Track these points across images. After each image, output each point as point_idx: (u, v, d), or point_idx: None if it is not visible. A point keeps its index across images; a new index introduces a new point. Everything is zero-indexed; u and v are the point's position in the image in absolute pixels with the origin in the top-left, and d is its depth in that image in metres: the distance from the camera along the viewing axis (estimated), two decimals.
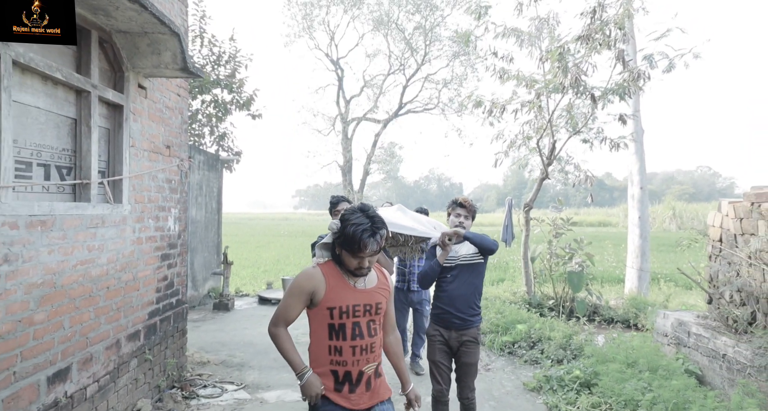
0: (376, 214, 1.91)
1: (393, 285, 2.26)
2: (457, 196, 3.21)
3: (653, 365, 3.79)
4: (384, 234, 1.89)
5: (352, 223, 1.86)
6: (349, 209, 1.94)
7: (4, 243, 2.37)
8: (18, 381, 2.48)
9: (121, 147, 3.48)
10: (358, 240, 1.83)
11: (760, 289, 3.42)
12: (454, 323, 3.07)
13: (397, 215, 3.25)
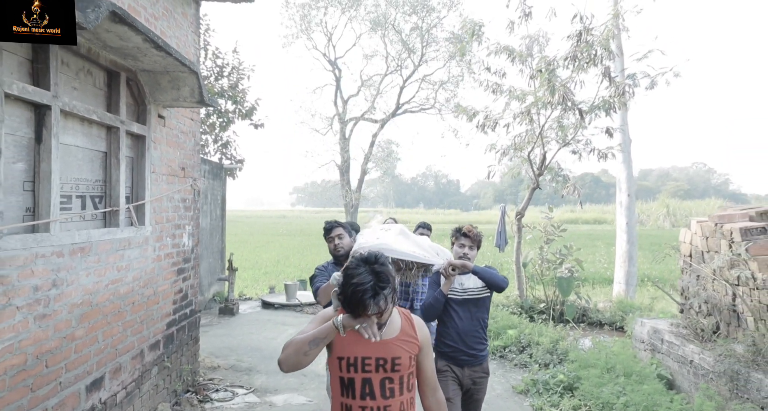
0: (382, 270, 1.68)
1: (427, 336, 1.89)
2: (462, 225, 3.05)
3: (628, 370, 4.17)
4: (389, 293, 1.66)
5: (352, 283, 1.66)
6: (354, 261, 1.74)
7: (53, 270, 2.71)
8: (63, 390, 2.82)
9: (143, 173, 3.82)
10: (357, 301, 1.64)
11: (723, 302, 3.79)
12: (465, 360, 2.93)
13: (398, 240, 3.14)
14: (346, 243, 3.25)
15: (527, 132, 7.44)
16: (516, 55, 7.09)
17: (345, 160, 30.80)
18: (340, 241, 3.25)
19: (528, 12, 7.07)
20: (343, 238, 3.26)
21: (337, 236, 3.26)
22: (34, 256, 2.56)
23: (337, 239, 3.26)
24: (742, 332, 3.55)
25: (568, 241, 18.73)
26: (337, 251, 3.25)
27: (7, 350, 2.38)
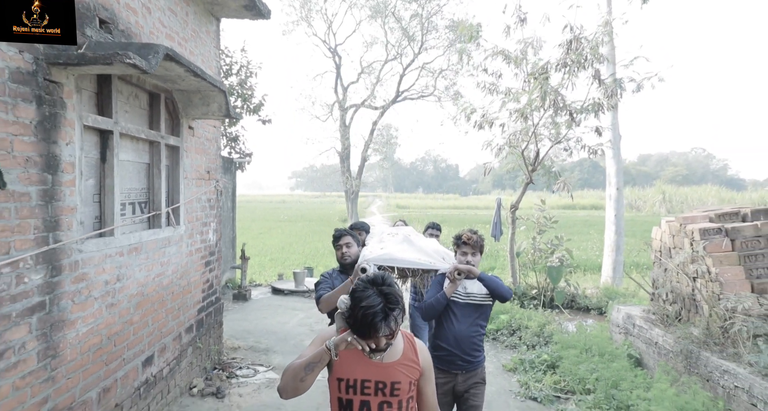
0: (391, 291, 1.66)
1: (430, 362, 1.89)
2: (461, 232, 3.03)
3: (603, 351, 4.77)
4: (398, 314, 1.65)
5: (362, 306, 1.62)
6: (361, 284, 1.69)
7: (117, 267, 3.26)
8: (126, 364, 3.40)
9: (178, 180, 4.34)
10: (368, 325, 1.60)
11: (684, 292, 4.35)
12: (461, 366, 2.90)
13: (402, 248, 3.22)
14: (354, 252, 3.26)
15: (521, 130, 7.93)
16: (512, 59, 7.54)
17: (345, 148, 31.21)
18: (348, 250, 3.25)
19: (523, 18, 7.50)
20: (351, 247, 3.27)
21: (345, 245, 3.27)
22: (104, 257, 3.11)
23: (345, 248, 3.26)
24: (699, 318, 4.13)
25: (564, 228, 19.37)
26: (344, 259, 3.25)
27: (89, 332, 2.94)
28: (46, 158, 2.55)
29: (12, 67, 2.31)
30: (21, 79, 2.37)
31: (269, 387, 4.90)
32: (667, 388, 3.63)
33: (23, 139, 2.39)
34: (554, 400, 4.47)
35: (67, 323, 2.75)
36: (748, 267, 3.96)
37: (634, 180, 74.52)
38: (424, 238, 3.72)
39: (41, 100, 2.51)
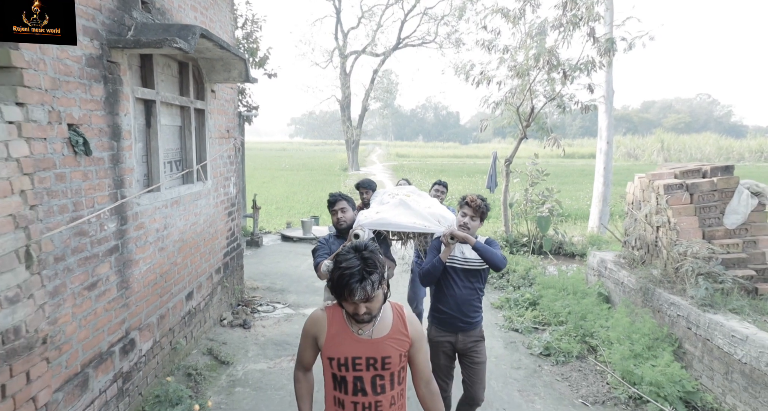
0: (371, 256, 1.68)
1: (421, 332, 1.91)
2: (467, 194, 3.03)
3: (577, 290, 5.50)
4: (376, 279, 1.65)
5: (340, 267, 1.66)
6: (346, 248, 1.75)
7: (163, 217, 3.87)
8: (174, 297, 4.10)
9: (204, 139, 4.86)
10: (344, 285, 1.63)
11: (649, 239, 5.00)
12: (461, 327, 2.97)
13: (397, 212, 3.24)
14: (349, 217, 3.27)
15: (518, 87, 8.31)
16: (510, 18, 7.81)
17: (346, 96, 31.15)
18: (343, 215, 3.27)
19: None
20: (347, 212, 3.28)
21: (340, 209, 3.27)
22: (155, 209, 3.71)
23: (341, 212, 3.27)
24: (658, 261, 4.80)
25: (560, 178, 19.70)
26: (339, 225, 3.27)
27: (148, 270, 3.60)
28: (112, 128, 3.09)
29: (87, 54, 2.80)
30: (92, 63, 2.86)
31: (287, 320, 5.67)
32: (622, 318, 4.36)
33: (97, 113, 2.91)
34: (533, 330, 5.24)
35: (133, 262, 3.39)
36: (702, 217, 4.58)
37: (636, 127, 74.04)
38: (426, 197, 3.73)
39: (106, 79, 3.01)
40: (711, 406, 3.58)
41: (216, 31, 5.05)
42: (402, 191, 3.69)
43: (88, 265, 2.86)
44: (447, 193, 5.09)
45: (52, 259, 2.54)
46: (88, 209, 2.83)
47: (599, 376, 4.16)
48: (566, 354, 4.49)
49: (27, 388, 2.33)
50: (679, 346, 4.10)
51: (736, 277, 4.13)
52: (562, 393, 3.96)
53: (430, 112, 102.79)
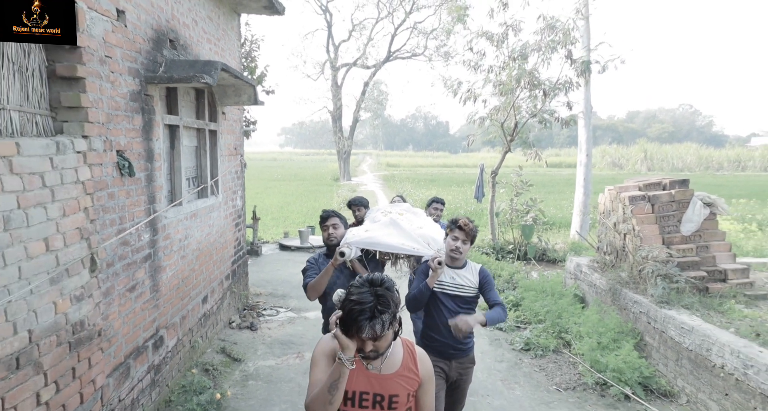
0: (386, 294, 1.60)
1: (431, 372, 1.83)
2: (459, 217, 2.94)
3: (555, 292, 6.05)
4: (387, 319, 1.58)
5: (351, 300, 1.59)
6: (360, 280, 1.66)
7: (185, 228, 4.36)
8: (192, 301, 4.57)
9: (216, 157, 5.36)
10: (353, 321, 1.56)
11: (618, 245, 5.57)
12: (453, 354, 2.86)
13: (387, 231, 3.17)
14: (340, 234, 3.19)
15: (502, 104, 8.92)
16: (494, 41, 8.43)
17: (338, 108, 31.74)
18: (334, 231, 3.19)
19: (505, 2, 8.33)
20: (338, 228, 3.21)
21: (332, 225, 3.21)
22: (178, 221, 4.20)
23: (332, 228, 3.20)
24: (625, 265, 5.36)
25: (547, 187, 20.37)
26: (330, 241, 3.18)
27: (173, 276, 4.08)
28: (147, 152, 3.59)
29: (130, 90, 3.31)
30: (134, 97, 3.37)
31: (291, 323, 6.14)
32: (593, 315, 4.91)
33: (137, 140, 3.42)
34: (515, 329, 5.77)
35: (162, 268, 3.87)
36: (662, 225, 5.16)
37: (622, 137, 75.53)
38: (420, 216, 3.69)
39: (143, 110, 3.52)
40: (664, 389, 4.13)
41: (226, 59, 5.58)
42: (396, 209, 3.63)
43: (130, 271, 3.35)
44: (444, 209, 5.16)
45: (105, 264, 3.02)
46: (129, 222, 3.32)
47: (572, 367, 4.70)
48: (544, 348, 5.02)
49: (89, 372, 2.80)
50: (641, 338, 4.65)
51: (689, 278, 4.70)
52: (539, 381, 4.49)
53: (420, 122, 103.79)
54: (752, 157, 37.72)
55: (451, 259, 2.92)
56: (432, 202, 5.11)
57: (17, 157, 2.28)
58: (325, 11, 31.15)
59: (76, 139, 2.72)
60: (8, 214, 2.22)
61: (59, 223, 2.56)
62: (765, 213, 12.01)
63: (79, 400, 2.72)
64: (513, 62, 8.06)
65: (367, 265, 3.11)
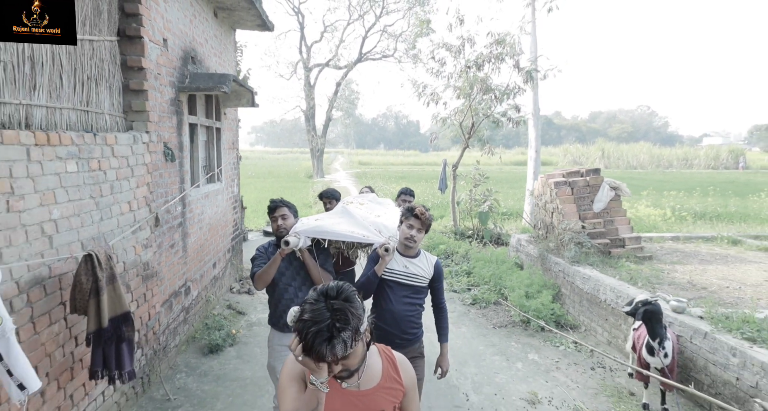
0: (343, 306, 1.34)
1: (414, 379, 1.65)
2: (415, 205, 2.85)
3: (499, 260, 7.41)
4: (349, 336, 1.32)
5: (305, 320, 1.33)
6: (314, 294, 1.38)
7: (201, 206, 5.47)
8: (206, 264, 5.69)
9: (220, 150, 6.47)
10: (311, 346, 1.30)
11: (547, 221, 6.95)
12: (399, 344, 2.75)
13: (337, 220, 3.14)
14: (290, 224, 3.12)
15: (460, 106, 10.26)
16: (454, 51, 9.75)
17: (311, 107, 32.71)
18: (283, 222, 3.12)
19: (461, 19, 9.66)
20: (287, 219, 3.13)
21: (281, 216, 3.14)
22: (197, 199, 5.32)
23: (281, 220, 3.13)
24: (552, 236, 6.75)
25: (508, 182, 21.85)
26: (280, 232, 3.11)
27: (195, 242, 5.20)
28: (179, 144, 4.70)
29: (170, 97, 4.42)
30: (172, 102, 4.49)
31: None
32: (524, 275, 6.27)
33: (173, 134, 4.53)
34: (467, 290, 7.09)
35: (188, 234, 4.99)
36: (579, 204, 6.55)
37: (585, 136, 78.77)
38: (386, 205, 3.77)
39: (177, 112, 4.63)
40: (571, 323, 5.51)
41: (227, 68, 6.69)
42: (360, 200, 3.71)
43: (170, 232, 4.47)
44: (414, 201, 5.11)
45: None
46: (170, 196, 4.44)
47: (506, 313, 6.03)
48: (487, 302, 6.35)
49: (152, 299, 3.94)
50: (559, 290, 6.03)
51: (597, 244, 6.11)
52: (480, 323, 5.80)
53: (391, 121, 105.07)
54: (698, 155, 40.57)
55: (404, 247, 2.86)
56: (401, 194, 5.10)
57: (116, 146, 3.41)
58: (297, 13, 32.04)
59: (143, 134, 3.84)
60: (112, 182, 3.35)
61: (135, 192, 3.69)
62: (685, 203, 13.75)
63: (147, 317, 3.85)
64: (468, 70, 9.39)
65: (317, 255, 3.03)
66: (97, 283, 2.61)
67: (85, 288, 2.59)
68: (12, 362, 1.85)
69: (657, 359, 3.55)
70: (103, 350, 2.67)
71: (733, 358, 3.41)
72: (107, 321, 2.63)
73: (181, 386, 4.06)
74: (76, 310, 2.62)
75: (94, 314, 2.60)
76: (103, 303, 2.62)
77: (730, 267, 5.86)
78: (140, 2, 3.75)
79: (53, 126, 2.89)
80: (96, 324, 2.60)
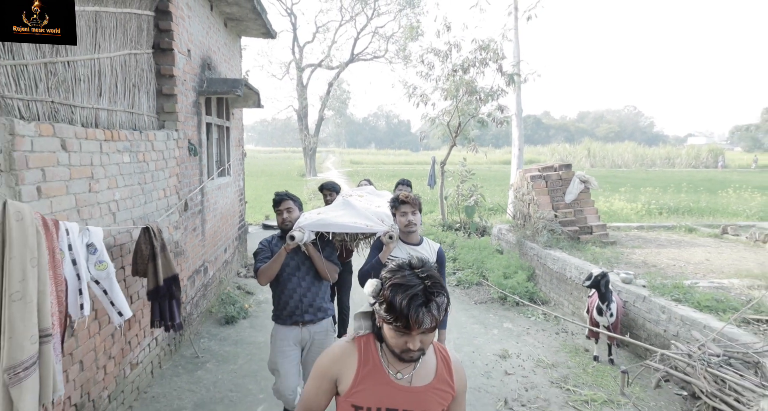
0: (431, 273, 1.31)
1: (466, 384, 1.53)
2: (398, 193, 2.95)
3: (482, 247, 8.16)
4: (443, 302, 1.28)
5: (396, 285, 1.28)
6: (397, 264, 1.36)
7: (215, 196, 6.15)
8: (219, 248, 6.37)
9: (229, 147, 7.13)
10: (406, 312, 1.24)
11: (524, 211, 7.70)
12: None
13: (340, 213, 3.18)
14: (295, 217, 3.11)
15: (447, 107, 11.00)
16: (441, 56, 10.48)
17: (303, 107, 33.33)
18: (288, 215, 3.11)
19: (448, 26, 10.39)
20: (292, 212, 3.12)
21: (286, 209, 3.12)
22: (212, 190, 5.99)
23: (286, 213, 3.11)
24: (529, 224, 7.50)
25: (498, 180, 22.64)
26: (285, 225, 3.11)
27: (211, 227, 5.88)
28: (199, 140, 5.37)
29: (192, 100, 5.10)
30: (193, 104, 5.16)
31: None
32: (503, 258, 7.01)
33: (195, 133, 5.21)
34: (452, 273, 7.82)
35: (206, 221, 5.67)
36: (552, 195, 7.31)
37: (573, 136, 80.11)
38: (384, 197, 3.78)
39: (197, 113, 5.31)
40: (543, 299, 6.27)
41: (234, 73, 7.36)
42: (359, 192, 3.79)
43: (193, 218, 5.14)
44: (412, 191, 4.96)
45: (184, 210, 4.83)
46: (193, 186, 5.12)
47: (486, 292, 6.78)
48: (470, 282, 7.09)
49: (180, 274, 4.62)
50: (533, 271, 6.79)
51: (567, 231, 6.88)
52: (463, 300, 6.54)
53: (382, 121, 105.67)
54: (680, 155, 41.80)
55: (406, 234, 2.87)
56: (398, 185, 5.25)
57: (155, 141, 4.08)
58: (290, 14, 32.62)
59: (173, 132, 4.52)
60: (153, 172, 4.02)
61: (168, 181, 4.37)
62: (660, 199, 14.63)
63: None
64: (455, 74, 10.13)
65: (321, 248, 3.04)
66: (153, 250, 3.29)
67: (145, 254, 3.28)
68: (113, 296, 2.53)
69: (604, 318, 4.31)
70: (159, 305, 3.35)
71: (662, 315, 4.17)
72: (162, 281, 3.32)
73: (206, 348, 4.75)
74: (137, 273, 3.30)
75: (152, 275, 3.29)
76: (159, 266, 3.30)
77: (681, 250, 6.66)
78: (172, 19, 4.43)
79: (111, 125, 3.57)
80: (154, 283, 3.29)
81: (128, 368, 3.56)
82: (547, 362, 4.47)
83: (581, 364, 4.45)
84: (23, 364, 1.70)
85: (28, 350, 1.72)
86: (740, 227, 7.67)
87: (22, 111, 2.52)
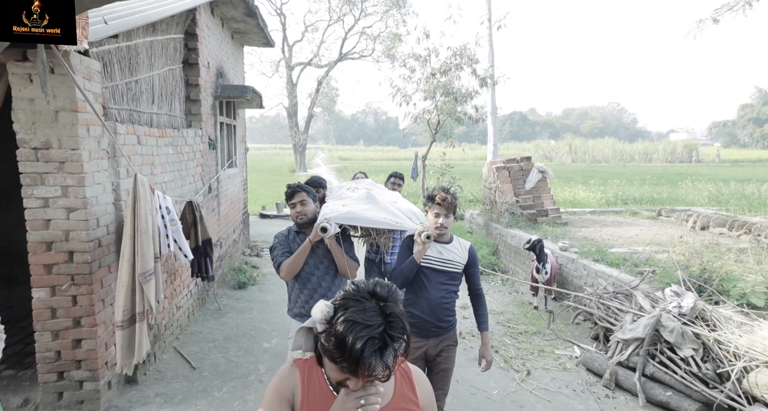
0: (394, 310, 1.08)
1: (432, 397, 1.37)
2: (434, 191, 2.77)
3: (455, 229, 9.35)
4: (400, 348, 1.08)
5: (352, 323, 1.05)
6: (353, 292, 1.11)
7: (227, 184, 7.25)
8: (229, 229, 7.48)
9: (236, 143, 8.23)
10: (356, 356, 1.03)
11: (491, 198, 8.92)
12: (435, 332, 2.71)
13: (366, 206, 3.00)
14: (310, 210, 2.97)
15: (427, 106, 12.17)
16: (421, 61, 11.64)
17: (293, 104, 34.30)
18: (303, 208, 2.96)
19: (427, 34, 11.55)
20: (307, 205, 2.97)
21: (299, 202, 2.96)
22: (225, 179, 7.09)
23: (300, 205, 2.96)
24: (495, 209, 8.71)
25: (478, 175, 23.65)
26: (299, 219, 2.96)
27: (224, 209, 6.99)
28: (216, 136, 6.48)
29: (210, 103, 6.20)
30: (211, 107, 6.26)
31: None
32: (470, 236, 8.21)
33: (212, 131, 6.31)
34: None
35: (220, 204, 6.77)
36: (514, 184, 8.53)
37: (558, 132, 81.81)
38: (386, 191, 3.72)
39: (213, 114, 6.41)
40: (503, 269, 7.49)
41: (239, 78, 8.45)
42: (361, 185, 3.64)
43: (211, 201, 6.25)
44: (403, 185, 5.20)
45: (205, 193, 5.94)
46: (212, 175, 6.23)
47: None
48: None
49: None
50: (497, 248, 8.01)
51: (526, 213, 8.09)
52: None
53: (370, 117, 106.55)
54: (657, 150, 43.55)
55: (437, 235, 2.77)
56: (390, 177, 5.19)
57: (187, 137, 5.19)
58: (279, 13, 33.53)
59: (198, 130, 5.63)
60: (186, 162, 5.14)
61: (195, 169, 5.48)
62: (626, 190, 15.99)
63: None
64: (433, 77, 11.30)
65: (342, 243, 2.94)
66: (195, 218, 4.42)
67: (189, 221, 4.40)
68: (181, 243, 3.66)
69: (541, 276, 5.52)
70: (197, 261, 4.47)
71: (584, 271, 5.40)
72: (200, 242, 4.44)
73: (226, 304, 5.88)
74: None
75: (193, 238, 4.41)
76: (198, 231, 4.43)
77: (620, 228, 7.92)
78: (197, 39, 5.53)
79: (160, 125, 4.68)
80: (195, 243, 4.41)
81: (175, 309, 4.69)
82: (497, 311, 5.67)
83: (523, 312, 5.65)
84: (149, 271, 2.84)
85: (150, 264, 2.86)
86: (674, 211, 8.95)
87: (116, 116, 3.63)
